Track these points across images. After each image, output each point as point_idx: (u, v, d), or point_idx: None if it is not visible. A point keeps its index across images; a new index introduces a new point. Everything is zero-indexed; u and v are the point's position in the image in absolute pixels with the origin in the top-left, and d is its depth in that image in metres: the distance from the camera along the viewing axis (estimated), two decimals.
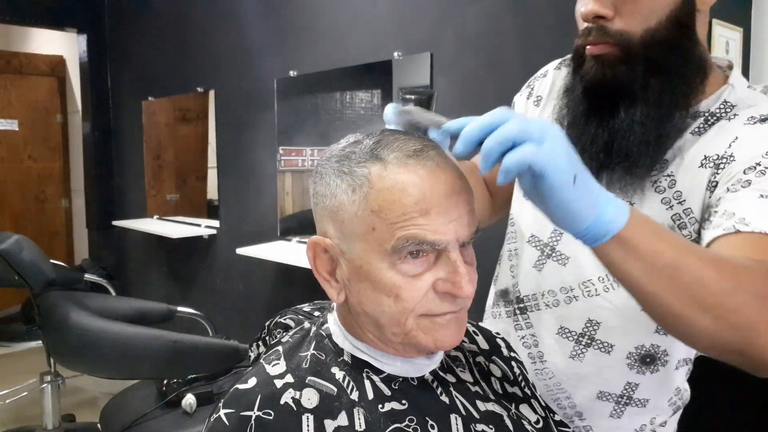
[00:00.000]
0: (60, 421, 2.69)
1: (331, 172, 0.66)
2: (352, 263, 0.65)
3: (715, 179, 0.78)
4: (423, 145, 0.65)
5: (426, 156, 0.64)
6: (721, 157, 0.79)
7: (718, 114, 0.82)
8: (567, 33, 1.92)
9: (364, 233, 0.63)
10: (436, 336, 0.65)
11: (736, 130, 0.79)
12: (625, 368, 0.90)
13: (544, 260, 0.94)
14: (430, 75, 2.25)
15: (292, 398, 0.64)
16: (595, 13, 0.80)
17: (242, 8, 3.12)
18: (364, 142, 0.66)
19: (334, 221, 0.66)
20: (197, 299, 3.56)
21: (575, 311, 0.90)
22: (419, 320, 0.65)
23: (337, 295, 0.68)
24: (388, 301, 0.64)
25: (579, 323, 0.90)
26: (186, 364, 1.98)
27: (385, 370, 0.69)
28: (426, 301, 0.64)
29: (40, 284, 2.18)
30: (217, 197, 3.42)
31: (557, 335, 0.92)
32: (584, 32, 0.83)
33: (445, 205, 0.62)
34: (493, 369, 0.80)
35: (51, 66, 4.92)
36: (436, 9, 2.25)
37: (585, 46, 0.83)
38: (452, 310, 0.65)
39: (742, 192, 0.73)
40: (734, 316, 0.61)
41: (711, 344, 0.64)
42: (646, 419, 0.93)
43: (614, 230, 0.59)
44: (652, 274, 0.61)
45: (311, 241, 0.68)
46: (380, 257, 0.63)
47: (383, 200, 0.62)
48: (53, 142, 4.95)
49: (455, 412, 0.69)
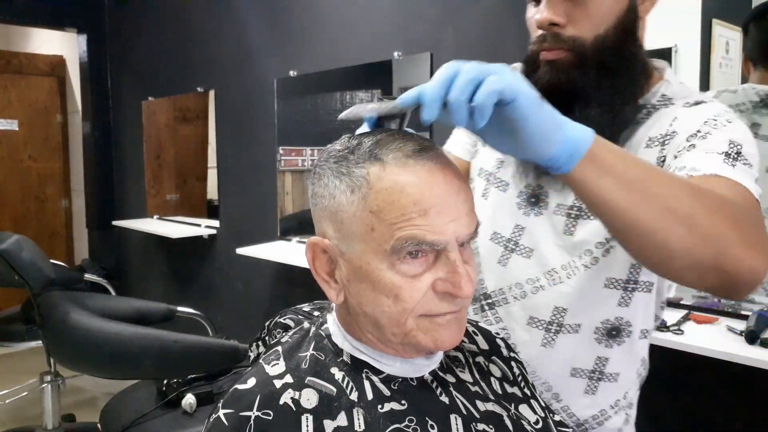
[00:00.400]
0: (60, 421, 2.69)
1: (330, 172, 0.66)
2: (351, 264, 0.65)
3: (663, 154, 0.86)
4: (422, 146, 0.64)
5: (425, 156, 0.63)
6: (664, 135, 0.87)
7: (658, 106, 0.90)
8: None
9: (363, 234, 0.63)
10: (435, 336, 0.65)
11: (675, 113, 0.87)
12: (594, 344, 0.94)
13: (508, 255, 0.97)
14: (430, 75, 2.25)
15: (291, 398, 0.64)
16: (549, 20, 0.85)
17: (242, 8, 3.12)
18: (362, 142, 0.66)
19: (332, 222, 0.66)
20: (197, 299, 3.56)
21: (542, 300, 0.94)
22: (419, 320, 0.64)
23: (336, 296, 0.68)
24: (387, 302, 0.63)
25: (546, 312, 0.94)
26: (186, 364, 1.98)
27: (385, 371, 0.69)
28: (425, 302, 0.64)
29: (40, 284, 2.18)
30: (217, 197, 3.42)
31: (527, 326, 0.96)
32: (539, 39, 0.88)
33: (444, 205, 0.62)
34: (493, 369, 0.80)
35: (51, 66, 4.93)
36: (436, 9, 2.25)
37: (539, 52, 0.88)
38: (452, 310, 0.65)
39: (688, 154, 0.80)
40: (707, 227, 0.64)
41: (687, 261, 0.66)
42: (619, 394, 0.97)
43: (585, 147, 0.63)
44: (627, 189, 0.64)
45: (310, 242, 0.68)
46: (379, 258, 0.63)
47: (382, 201, 0.62)
48: (53, 142, 4.95)
49: (455, 412, 0.69)
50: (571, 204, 0.92)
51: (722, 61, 1.73)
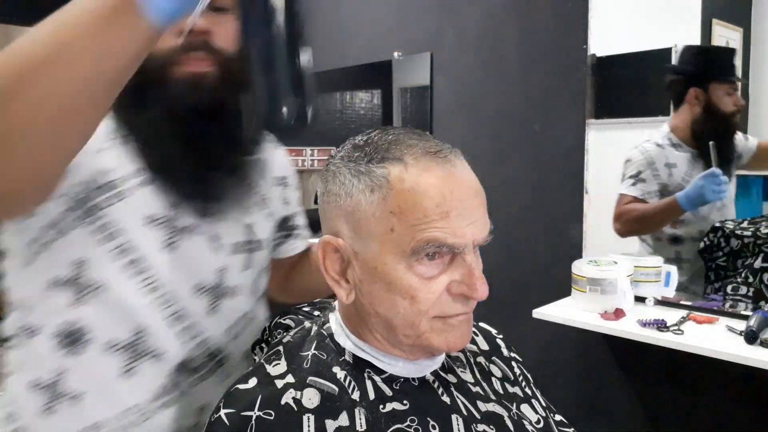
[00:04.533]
0: None
1: (346, 170, 0.65)
2: (366, 264, 0.65)
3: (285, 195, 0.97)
4: (440, 147, 0.65)
5: (444, 158, 0.64)
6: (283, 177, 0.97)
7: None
8: (566, 33, 1.93)
9: (381, 234, 0.63)
10: (448, 337, 0.65)
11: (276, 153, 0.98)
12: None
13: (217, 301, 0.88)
14: (430, 75, 2.25)
15: (293, 398, 0.64)
16: (202, 29, 0.77)
17: None
18: (380, 140, 0.65)
19: (348, 221, 0.65)
20: None
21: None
22: (433, 322, 0.65)
23: (346, 296, 0.68)
24: (403, 303, 0.63)
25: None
26: None
27: (387, 371, 0.69)
28: (440, 303, 0.64)
29: None
30: None
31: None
32: (185, 47, 0.77)
33: (463, 208, 0.62)
34: (494, 369, 0.80)
35: None
36: (436, 9, 2.25)
37: (178, 64, 0.77)
38: (464, 312, 0.66)
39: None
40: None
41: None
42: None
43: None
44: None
45: (322, 241, 0.68)
46: (397, 259, 0.62)
47: (403, 202, 0.61)
48: None
49: (456, 412, 0.69)
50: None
51: None
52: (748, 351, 1.37)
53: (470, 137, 2.17)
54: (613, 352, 1.88)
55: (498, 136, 2.10)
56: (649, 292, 1.72)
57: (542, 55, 1.98)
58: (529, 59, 2.00)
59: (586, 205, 1.89)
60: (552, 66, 1.95)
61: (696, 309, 1.67)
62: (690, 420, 1.74)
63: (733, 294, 1.67)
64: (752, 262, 1.66)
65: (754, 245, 1.66)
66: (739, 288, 1.67)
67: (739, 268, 1.69)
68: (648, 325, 1.53)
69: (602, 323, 1.58)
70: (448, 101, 2.24)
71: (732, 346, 1.41)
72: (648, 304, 1.71)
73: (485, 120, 2.13)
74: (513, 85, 2.06)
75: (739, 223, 1.72)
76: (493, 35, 2.09)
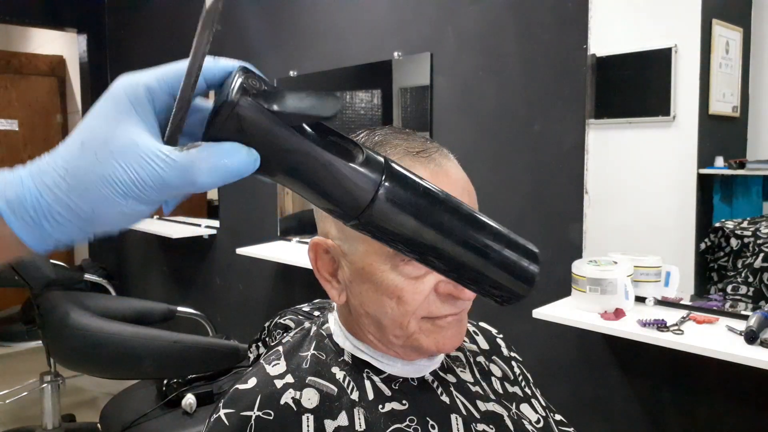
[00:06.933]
0: (60, 421, 2.69)
1: None
2: (354, 265, 0.65)
3: None
4: (424, 147, 0.64)
5: (427, 158, 0.64)
6: None
7: None
8: (566, 33, 1.93)
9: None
10: (438, 338, 0.65)
11: None
12: None
13: None
14: (430, 75, 2.25)
15: (292, 398, 0.64)
16: None
17: (242, 8, 3.11)
18: (367, 142, 0.65)
19: (335, 222, 0.66)
20: (197, 299, 3.56)
21: None
22: (421, 323, 0.65)
23: (338, 296, 0.68)
24: (390, 303, 0.63)
25: None
26: (186, 364, 1.98)
27: (386, 371, 0.69)
28: (428, 304, 0.64)
29: (40, 284, 2.18)
30: (217, 197, 3.42)
31: None
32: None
33: None
34: (494, 369, 0.80)
35: (51, 66, 4.92)
36: (436, 9, 2.25)
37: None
38: (453, 313, 0.65)
39: None
40: None
41: None
42: None
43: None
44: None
45: (313, 242, 0.68)
46: (382, 259, 0.63)
47: None
48: (53, 143, 4.84)
49: (456, 412, 0.69)
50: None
51: (722, 61, 1.74)
52: (748, 351, 1.37)
53: (470, 137, 2.17)
54: (613, 352, 1.87)
55: (498, 136, 2.10)
56: (649, 292, 1.72)
57: (542, 55, 1.97)
58: (529, 59, 2.00)
59: (586, 205, 1.89)
60: (552, 66, 1.94)
61: (696, 309, 1.67)
62: (690, 420, 1.74)
63: (733, 294, 1.67)
64: (752, 261, 1.66)
65: (754, 245, 1.66)
66: (739, 288, 1.67)
67: (739, 267, 1.69)
68: (648, 325, 1.53)
69: (602, 323, 1.58)
70: (448, 101, 2.24)
71: (732, 346, 1.40)
72: (648, 304, 1.71)
73: (485, 120, 2.13)
74: (513, 85, 2.06)
75: (739, 223, 1.72)
76: (493, 35, 2.09)
